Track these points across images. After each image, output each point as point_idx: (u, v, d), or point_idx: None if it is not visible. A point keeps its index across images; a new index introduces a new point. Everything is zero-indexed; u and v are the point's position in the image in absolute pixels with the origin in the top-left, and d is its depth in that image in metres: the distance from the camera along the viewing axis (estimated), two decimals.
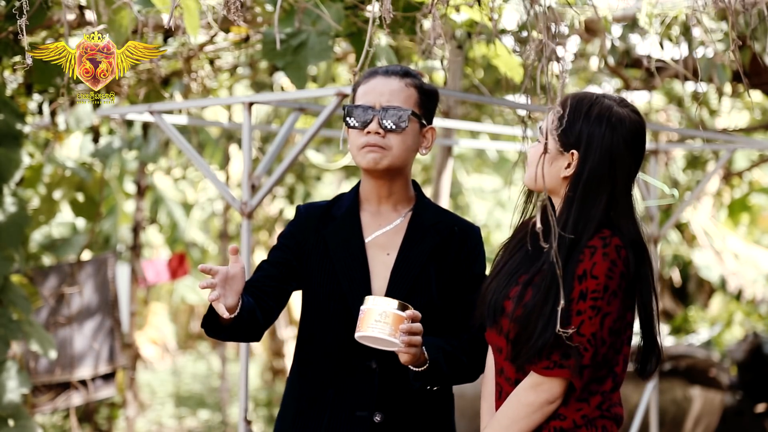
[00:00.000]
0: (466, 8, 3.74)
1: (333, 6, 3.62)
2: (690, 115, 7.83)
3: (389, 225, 2.55)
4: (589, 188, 2.24)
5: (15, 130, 4.26)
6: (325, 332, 2.50)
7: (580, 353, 2.18)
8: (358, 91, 2.56)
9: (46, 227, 7.50)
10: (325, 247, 2.52)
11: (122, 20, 3.29)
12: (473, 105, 7.35)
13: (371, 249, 2.52)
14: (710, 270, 9.59)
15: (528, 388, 2.24)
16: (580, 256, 2.20)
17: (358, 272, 2.48)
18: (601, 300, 2.19)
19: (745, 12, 2.51)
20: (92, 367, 6.51)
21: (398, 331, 2.26)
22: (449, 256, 2.53)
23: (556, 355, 2.19)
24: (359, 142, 2.50)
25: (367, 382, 2.44)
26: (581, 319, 2.18)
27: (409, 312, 2.28)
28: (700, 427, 6.98)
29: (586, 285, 2.19)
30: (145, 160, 6.70)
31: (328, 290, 2.49)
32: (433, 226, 2.54)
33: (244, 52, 5.53)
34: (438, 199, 4.70)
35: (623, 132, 2.26)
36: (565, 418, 2.24)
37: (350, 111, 2.52)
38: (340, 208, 2.58)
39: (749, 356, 7.77)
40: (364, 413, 2.44)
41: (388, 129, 2.48)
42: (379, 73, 2.55)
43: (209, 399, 10.30)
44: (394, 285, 2.47)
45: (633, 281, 2.24)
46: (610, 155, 2.24)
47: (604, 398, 2.26)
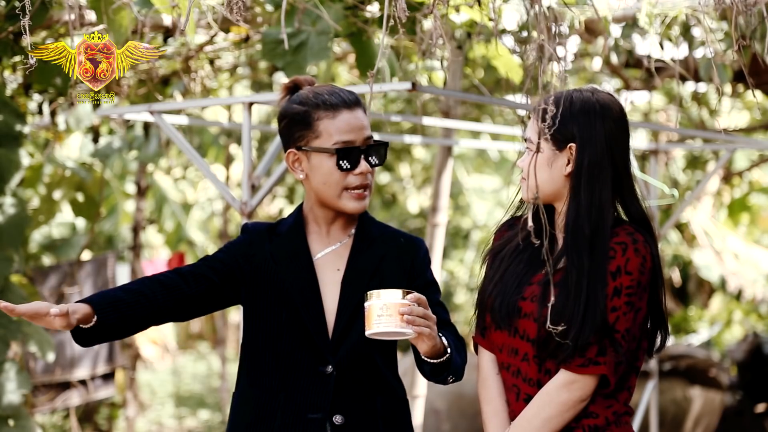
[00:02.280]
0: (466, 8, 3.74)
1: (333, 6, 3.62)
2: (690, 115, 7.83)
3: (337, 243, 2.52)
4: (593, 175, 2.25)
5: (15, 130, 4.26)
6: (276, 340, 2.45)
7: (616, 350, 2.19)
8: (324, 126, 2.42)
9: (46, 227, 7.50)
10: (273, 261, 2.48)
11: (122, 20, 3.29)
12: (473, 105, 7.34)
13: (320, 267, 2.49)
14: (710, 270, 9.59)
15: (560, 387, 2.23)
16: (609, 252, 2.22)
17: (308, 288, 2.45)
18: (635, 296, 2.21)
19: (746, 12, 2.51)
20: (91, 367, 6.52)
21: (401, 317, 2.21)
22: (397, 266, 2.51)
23: (592, 351, 2.19)
24: (345, 183, 2.43)
25: (321, 385, 2.41)
26: (616, 315, 2.20)
27: (410, 296, 2.23)
28: (700, 427, 6.98)
29: (620, 281, 2.20)
30: (145, 160, 6.70)
31: (281, 301, 2.46)
32: (379, 238, 2.53)
33: (244, 52, 5.53)
34: (438, 200, 4.70)
35: (612, 115, 2.28)
36: (597, 416, 2.25)
37: (337, 153, 2.41)
38: (285, 225, 2.54)
39: (749, 356, 7.77)
40: (317, 415, 2.42)
41: (374, 165, 2.46)
42: (341, 106, 2.43)
43: (209, 399, 10.30)
44: (345, 297, 2.45)
45: (656, 277, 2.27)
46: (607, 140, 2.26)
47: (630, 394, 2.29)
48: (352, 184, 2.44)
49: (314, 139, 2.44)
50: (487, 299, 2.35)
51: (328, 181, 2.44)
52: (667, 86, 7.45)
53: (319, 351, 2.42)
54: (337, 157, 2.42)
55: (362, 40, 3.87)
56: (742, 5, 2.37)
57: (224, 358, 9.26)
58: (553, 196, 2.32)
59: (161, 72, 5.26)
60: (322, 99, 2.44)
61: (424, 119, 4.56)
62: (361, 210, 2.47)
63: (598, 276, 2.20)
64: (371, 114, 4.93)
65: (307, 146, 2.45)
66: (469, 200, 10.79)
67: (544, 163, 2.28)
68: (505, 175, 11.02)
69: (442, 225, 4.70)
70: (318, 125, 2.43)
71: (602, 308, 2.18)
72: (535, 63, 2.45)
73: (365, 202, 2.47)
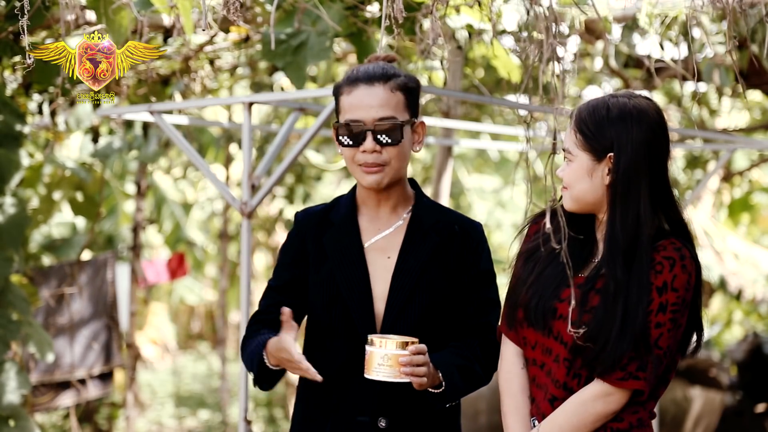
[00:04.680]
0: (467, 9, 3.74)
1: (333, 6, 3.62)
2: (690, 115, 7.83)
3: (388, 228, 2.50)
4: (630, 185, 2.23)
5: (15, 130, 4.25)
6: (328, 339, 2.47)
7: (656, 366, 2.17)
8: (343, 101, 2.44)
9: (46, 227, 7.50)
10: (324, 254, 2.48)
11: (122, 20, 3.28)
12: (473, 105, 7.34)
13: (371, 253, 2.48)
14: (710, 270, 9.57)
15: (597, 398, 2.21)
16: (656, 266, 2.19)
17: (358, 278, 2.44)
18: (679, 313, 2.19)
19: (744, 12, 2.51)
20: (90, 367, 6.52)
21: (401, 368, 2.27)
22: (451, 256, 2.48)
23: (633, 366, 2.17)
24: (356, 159, 2.43)
25: (369, 387, 2.41)
26: (660, 332, 2.17)
27: (411, 348, 2.26)
28: (700, 427, 6.98)
29: (666, 297, 2.18)
30: (145, 160, 6.70)
31: (328, 298, 2.46)
32: (433, 227, 2.49)
33: (244, 52, 5.53)
34: (438, 200, 4.70)
35: (649, 121, 2.26)
36: (622, 420, 2.25)
37: (341, 129, 2.43)
38: (338, 213, 2.53)
39: (749, 356, 7.77)
40: (365, 418, 2.42)
41: (384, 144, 2.41)
42: (360, 80, 2.42)
43: (209, 399, 10.30)
44: (396, 288, 2.43)
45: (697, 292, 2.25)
46: (645, 147, 2.24)
47: (656, 401, 2.29)
48: (360, 161, 2.43)
49: (339, 114, 2.47)
50: (522, 297, 2.32)
51: (346, 157, 2.46)
52: (667, 86, 7.45)
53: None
54: (337, 133, 2.44)
55: (362, 40, 3.87)
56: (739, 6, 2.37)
57: (224, 358, 9.25)
58: (594, 206, 2.31)
59: (161, 72, 5.26)
60: (349, 74, 2.46)
61: (425, 119, 4.56)
62: (376, 185, 2.44)
63: (637, 289, 2.18)
64: None
65: (336, 121, 2.48)
66: (470, 200, 10.79)
67: (585, 173, 2.27)
68: (506, 175, 11.02)
69: None
70: (341, 100, 2.46)
71: (641, 322, 2.15)
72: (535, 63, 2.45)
73: (378, 177, 2.42)
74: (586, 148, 2.26)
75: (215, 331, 12.42)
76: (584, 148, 2.27)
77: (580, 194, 2.29)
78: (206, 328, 14.20)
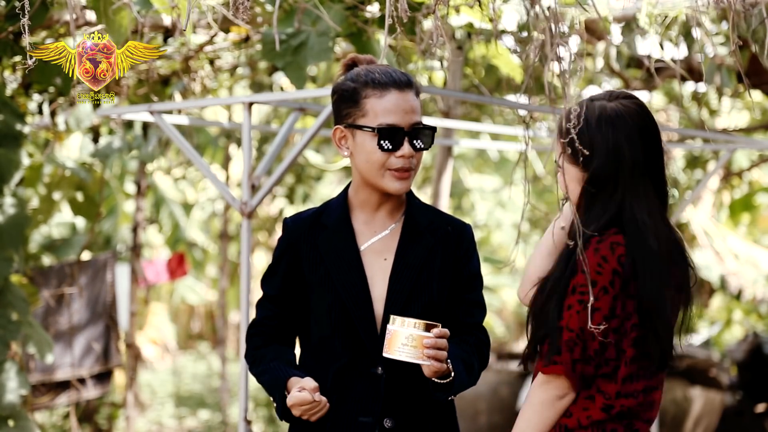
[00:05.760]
0: (467, 9, 3.74)
1: (333, 6, 3.62)
2: (690, 115, 7.83)
3: (384, 231, 2.50)
4: (595, 189, 2.26)
5: (15, 130, 4.25)
6: (327, 341, 2.46)
7: (570, 348, 2.21)
8: (374, 105, 2.43)
9: (46, 227, 7.51)
10: (320, 257, 2.48)
11: (122, 20, 3.29)
12: (473, 105, 7.34)
13: (367, 256, 2.48)
14: (710, 270, 9.58)
15: (536, 386, 2.28)
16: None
17: (356, 281, 2.44)
18: (587, 295, 2.19)
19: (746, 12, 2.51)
20: (90, 367, 6.52)
21: (424, 349, 2.27)
22: (445, 257, 2.50)
23: (551, 351, 2.23)
24: (387, 164, 2.42)
25: (372, 388, 2.41)
26: (570, 314, 2.21)
27: (436, 331, 2.28)
28: (700, 427, 6.98)
29: (576, 280, 2.22)
30: (144, 160, 6.70)
31: (328, 301, 2.46)
32: (428, 228, 2.51)
33: (244, 52, 5.53)
34: (438, 200, 4.70)
35: (625, 126, 2.27)
36: (570, 415, 2.26)
37: (380, 132, 2.41)
38: (330, 216, 2.52)
39: (749, 356, 7.77)
40: (367, 419, 2.42)
41: (419, 149, 2.44)
42: (391, 86, 2.43)
43: (209, 399, 10.30)
44: (394, 290, 2.44)
45: (629, 278, 2.23)
46: (615, 155, 2.26)
47: (609, 401, 2.25)
48: (394, 166, 2.42)
49: (360, 117, 2.44)
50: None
51: (370, 160, 2.43)
52: (667, 86, 7.46)
53: (369, 351, 2.42)
54: (378, 137, 2.41)
55: (362, 40, 3.87)
56: (742, 6, 2.37)
57: (224, 358, 9.25)
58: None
59: (161, 72, 5.26)
60: (371, 77, 2.44)
61: (425, 119, 4.55)
62: (404, 191, 2.45)
63: (563, 281, 2.25)
64: None
65: (353, 124, 2.45)
66: (472, 200, 10.80)
67: (576, 184, 2.32)
68: (506, 175, 11.02)
69: None
70: (365, 103, 2.43)
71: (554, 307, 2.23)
72: (535, 63, 2.45)
73: (408, 183, 2.45)
74: (571, 161, 2.30)
75: (215, 331, 12.42)
76: (569, 161, 2.30)
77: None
78: (206, 328, 14.20)
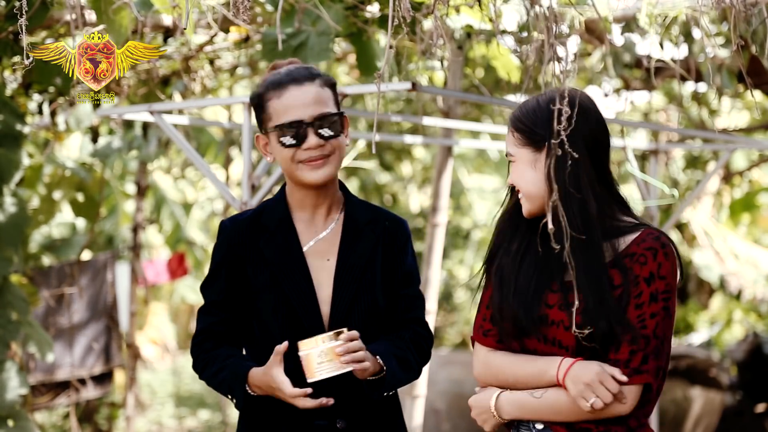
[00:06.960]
0: (467, 9, 3.74)
1: (333, 6, 3.62)
2: (690, 115, 7.83)
3: (324, 231, 2.50)
4: (577, 174, 2.18)
5: (15, 130, 4.25)
6: (274, 344, 2.39)
7: (658, 356, 2.14)
8: (272, 106, 2.43)
9: (46, 227, 7.50)
10: (264, 260, 2.46)
11: (122, 20, 3.29)
12: (473, 105, 7.34)
13: (310, 257, 2.48)
14: (710, 270, 9.58)
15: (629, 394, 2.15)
16: (640, 258, 2.16)
17: (302, 282, 2.44)
18: (670, 300, 2.16)
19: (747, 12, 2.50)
20: (90, 367, 6.52)
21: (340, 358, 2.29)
22: (385, 253, 2.52)
23: (636, 361, 2.14)
24: (297, 158, 2.42)
25: (325, 391, 2.37)
26: (656, 321, 2.14)
27: (343, 336, 2.30)
28: (700, 427, 6.98)
29: (655, 287, 2.15)
30: (144, 160, 6.70)
31: (274, 304, 2.44)
32: (367, 225, 2.52)
33: (244, 52, 5.53)
34: (438, 199, 4.70)
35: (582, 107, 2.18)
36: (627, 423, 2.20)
37: (282, 130, 2.42)
38: (271, 217, 2.50)
39: (749, 356, 7.77)
40: (323, 422, 2.42)
41: (328, 137, 2.42)
42: (288, 83, 2.43)
43: (209, 399, 10.30)
44: (339, 290, 2.45)
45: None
46: (590, 138, 2.21)
47: (654, 403, 2.22)
48: (303, 157, 2.43)
49: (268, 121, 2.47)
50: (506, 309, 2.25)
51: (283, 159, 2.45)
52: (667, 86, 7.45)
53: None
54: (279, 134, 2.43)
55: (362, 40, 3.87)
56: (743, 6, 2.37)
57: None
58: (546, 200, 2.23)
59: (161, 72, 5.26)
60: (272, 80, 2.47)
61: (425, 119, 4.55)
62: (324, 179, 2.44)
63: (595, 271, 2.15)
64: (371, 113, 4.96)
65: (265, 128, 2.48)
66: (470, 200, 10.79)
67: (528, 166, 2.26)
68: (505, 175, 11.02)
69: (442, 225, 4.69)
70: (269, 107, 2.46)
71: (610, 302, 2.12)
72: (535, 63, 2.45)
73: (326, 170, 2.44)
74: (525, 143, 2.26)
75: None
76: (523, 143, 2.26)
77: (531, 190, 2.25)
78: None
